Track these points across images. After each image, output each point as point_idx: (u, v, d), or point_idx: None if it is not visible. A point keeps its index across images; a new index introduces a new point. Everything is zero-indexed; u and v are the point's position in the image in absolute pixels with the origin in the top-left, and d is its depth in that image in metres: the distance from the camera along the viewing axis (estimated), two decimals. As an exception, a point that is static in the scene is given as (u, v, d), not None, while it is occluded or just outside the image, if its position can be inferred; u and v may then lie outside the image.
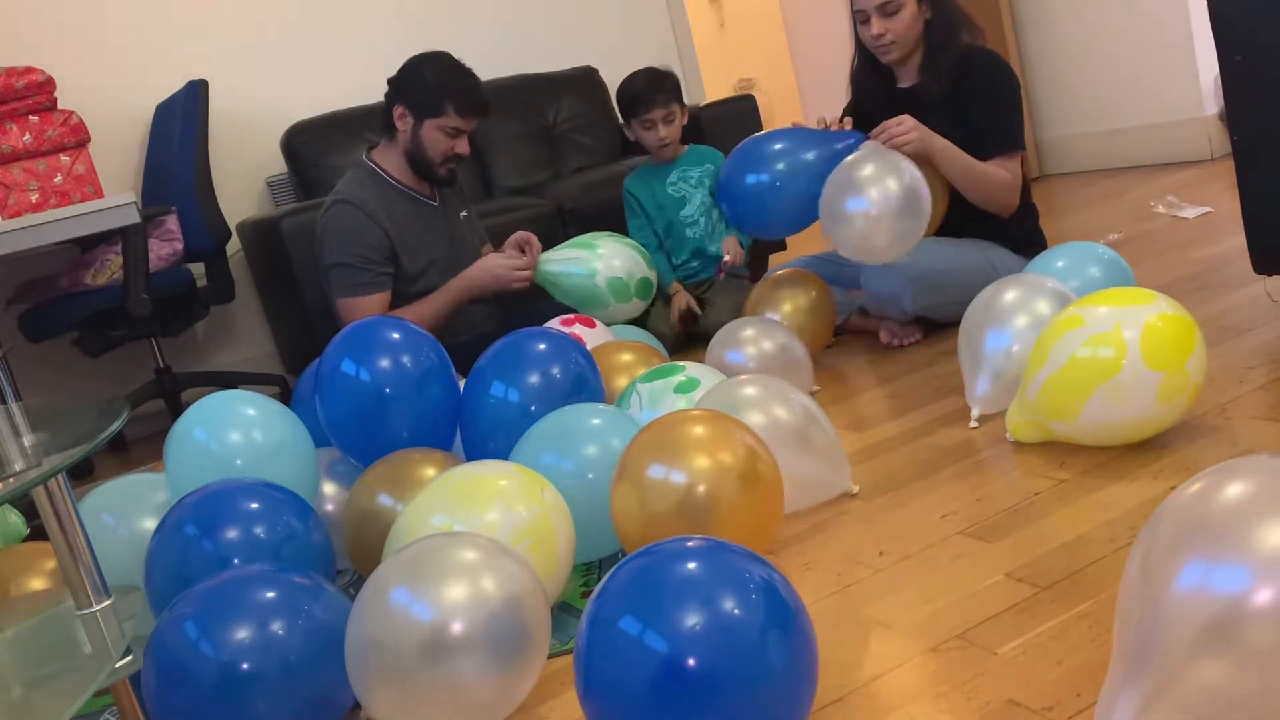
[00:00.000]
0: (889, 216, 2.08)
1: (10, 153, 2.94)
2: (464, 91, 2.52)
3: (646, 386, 1.81)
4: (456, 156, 2.58)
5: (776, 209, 2.33)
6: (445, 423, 1.82)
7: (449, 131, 2.53)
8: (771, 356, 2.07)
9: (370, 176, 2.59)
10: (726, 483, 1.37)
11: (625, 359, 2.06)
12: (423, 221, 2.62)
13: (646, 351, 2.13)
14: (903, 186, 2.10)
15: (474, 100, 2.53)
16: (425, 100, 2.52)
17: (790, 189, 2.29)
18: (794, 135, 2.34)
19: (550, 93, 3.82)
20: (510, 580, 1.13)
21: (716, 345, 2.13)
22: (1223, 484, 0.82)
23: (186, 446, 1.66)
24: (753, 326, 2.13)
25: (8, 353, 2.97)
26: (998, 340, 1.73)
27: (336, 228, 2.52)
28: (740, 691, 0.94)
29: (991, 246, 2.37)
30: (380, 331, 1.79)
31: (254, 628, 1.16)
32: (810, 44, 5.25)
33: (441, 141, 2.54)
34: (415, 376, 1.76)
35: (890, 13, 2.34)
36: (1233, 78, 1.70)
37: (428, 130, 2.53)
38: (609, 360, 2.03)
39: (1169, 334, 1.44)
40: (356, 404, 1.74)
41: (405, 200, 2.60)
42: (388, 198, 2.56)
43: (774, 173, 2.30)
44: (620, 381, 1.97)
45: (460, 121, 2.53)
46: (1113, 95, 4.01)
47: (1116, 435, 1.52)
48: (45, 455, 1.12)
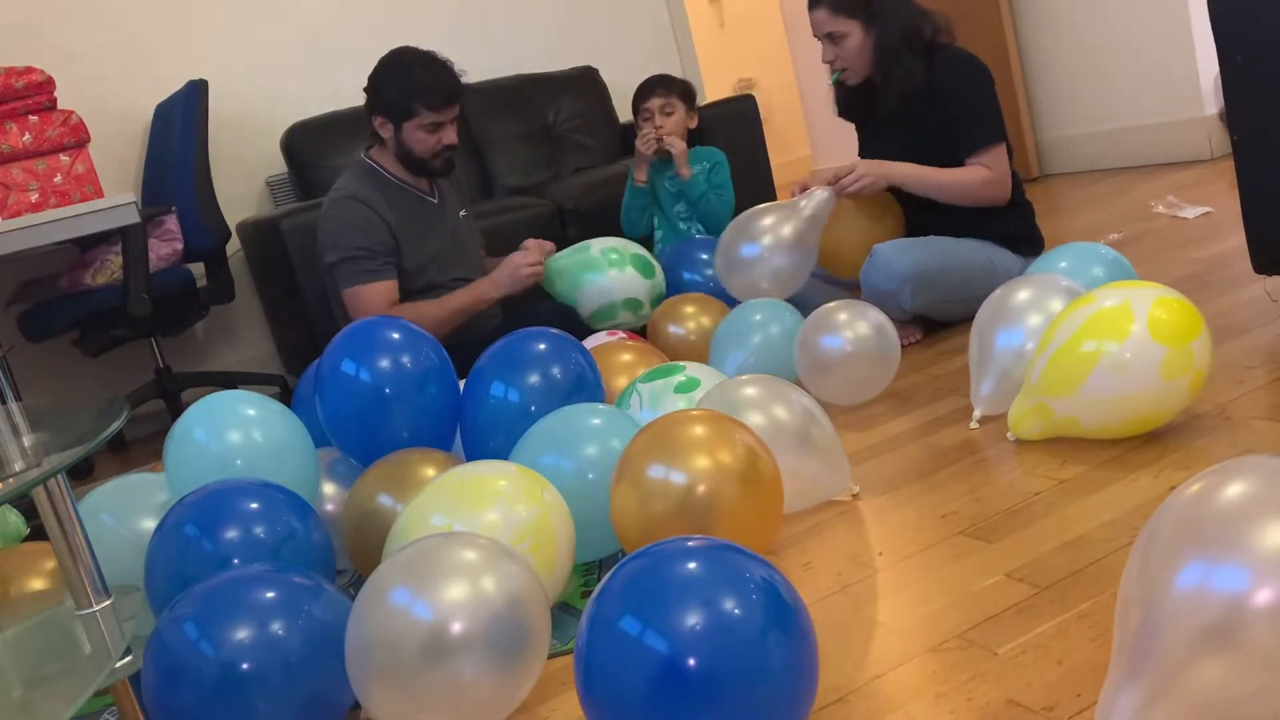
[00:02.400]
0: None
1: (10, 153, 2.94)
2: (429, 87, 2.50)
3: (647, 386, 1.81)
4: (446, 147, 2.58)
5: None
6: (445, 423, 1.82)
7: (428, 128, 2.53)
8: (867, 340, 1.96)
9: (370, 174, 2.60)
10: (726, 483, 1.37)
11: (625, 359, 2.06)
12: (422, 218, 2.62)
13: (647, 351, 2.13)
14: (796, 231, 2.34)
15: (442, 91, 2.52)
16: (396, 105, 2.52)
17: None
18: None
19: (550, 93, 3.82)
20: (510, 580, 1.13)
21: (810, 329, 2.02)
22: (1222, 484, 0.82)
23: (187, 446, 1.65)
24: (845, 310, 2.00)
25: (8, 353, 2.97)
26: (1009, 338, 1.72)
27: (338, 223, 2.52)
28: (740, 691, 0.94)
29: (990, 245, 2.38)
30: (380, 331, 1.79)
31: (254, 628, 1.16)
32: (810, 44, 5.19)
33: (425, 139, 2.54)
34: (415, 376, 1.76)
35: (837, 40, 2.42)
36: (1233, 78, 1.70)
37: (408, 132, 2.54)
38: (609, 360, 2.03)
39: (1177, 313, 1.47)
40: (357, 404, 1.74)
41: (405, 197, 2.60)
42: (388, 193, 2.57)
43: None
44: (620, 381, 1.97)
45: (435, 116, 2.52)
46: (1113, 95, 4.01)
47: (1117, 415, 1.52)
48: (45, 455, 1.12)
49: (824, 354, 1.96)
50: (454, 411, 1.83)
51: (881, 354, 1.97)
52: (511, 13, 4.04)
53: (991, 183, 2.34)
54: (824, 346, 1.96)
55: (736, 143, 3.48)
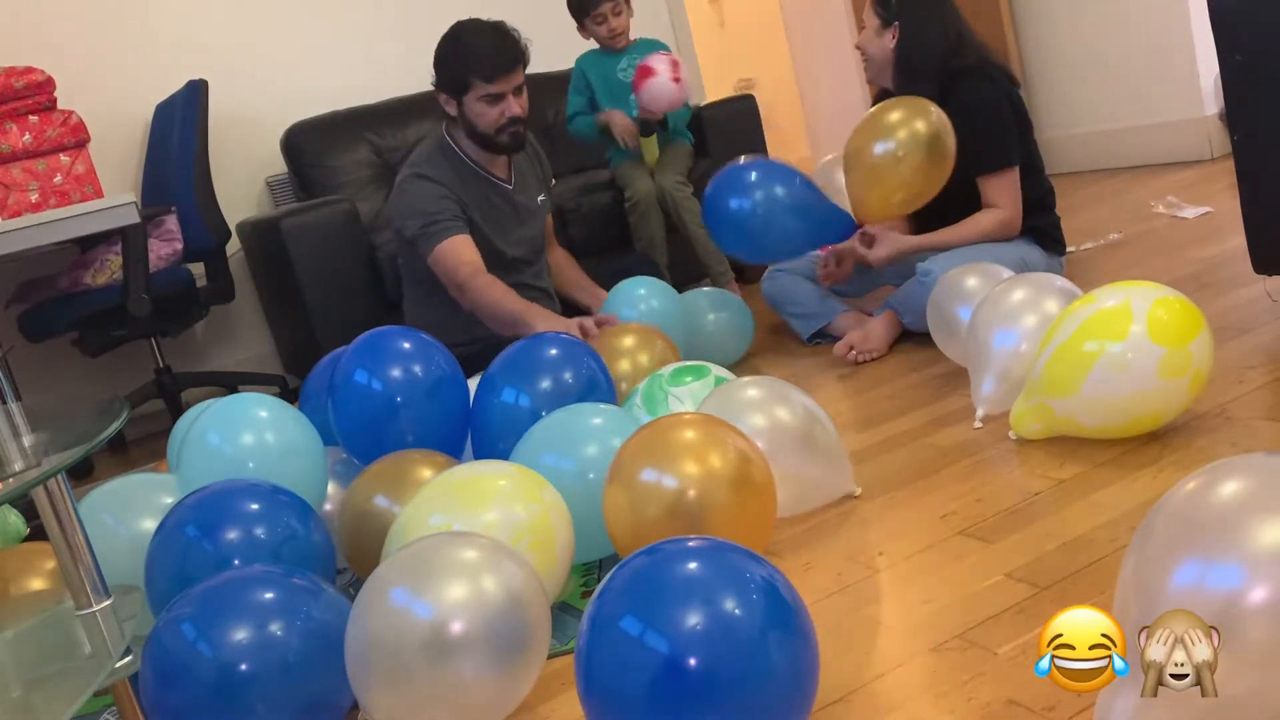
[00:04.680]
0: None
1: (10, 153, 2.94)
2: (483, 57, 2.44)
3: (685, 389, 1.78)
4: (513, 119, 2.49)
5: (763, 234, 2.38)
6: (456, 429, 1.82)
7: (487, 100, 2.46)
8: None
9: (445, 152, 2.55)
10: (717, 488, 1.36)
11: (627, 343, 2.06)
12: (495, 207, 2.57)
13: (649, 334, 2.12)
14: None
15: (497, 60, 2.44)
16: (454, 80, 2.47)
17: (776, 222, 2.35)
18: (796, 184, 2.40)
19: (550, 93, 3.82)
20: (510, 580, 1.13)
21: (937, 304, 2.02)
22: (1217, 482, 0.82)
23: (200, 449, 1.66)
24: (975, 275, 2.00)
25: (8, 353, 2.97)
26: (1005, 339, 1.72)
27: (411, 199, 2.47)
28: (740, 691, 0.94)
29: (1020, 244, 2.38)
30: (392, 341, 1.81)
31: (252, 628, 1.15)
32: (810, 44, 5.25)
33: (487, 112, 2.47)
34: (427, 385, 1.77)
35: (863, 26, 2.46)
36: (1233, 78, 1.70)
37: (469, 106, 2.48)
38: (608, 345, 2.03)
39: (1176, 313, 1.47)
40: (369, 413, 1.75)
41: (478, 181, 2.55)
42: (462, 175, 2.52)
43: (756, 201, 2.34)
44: (622, 366, 1.97)
45: (492, 87, 2.44)
46: (1113, 95, 4.01)
47: (1117, 414, 1.52)
48: (45, 455, 1.12)
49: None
50: (465, 418, 1.83)
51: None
52: (511, 13, 4.01)
53: (1005, 221, 2.36)
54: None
55: (736, 143, 3.47)
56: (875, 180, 2.28)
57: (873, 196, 2.30)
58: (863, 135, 2.30)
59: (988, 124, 2.34)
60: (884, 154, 2.24)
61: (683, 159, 3.22)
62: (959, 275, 2.00)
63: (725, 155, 3.40)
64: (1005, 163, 2.35)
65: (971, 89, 2.35)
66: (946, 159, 2.24)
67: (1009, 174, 2.36)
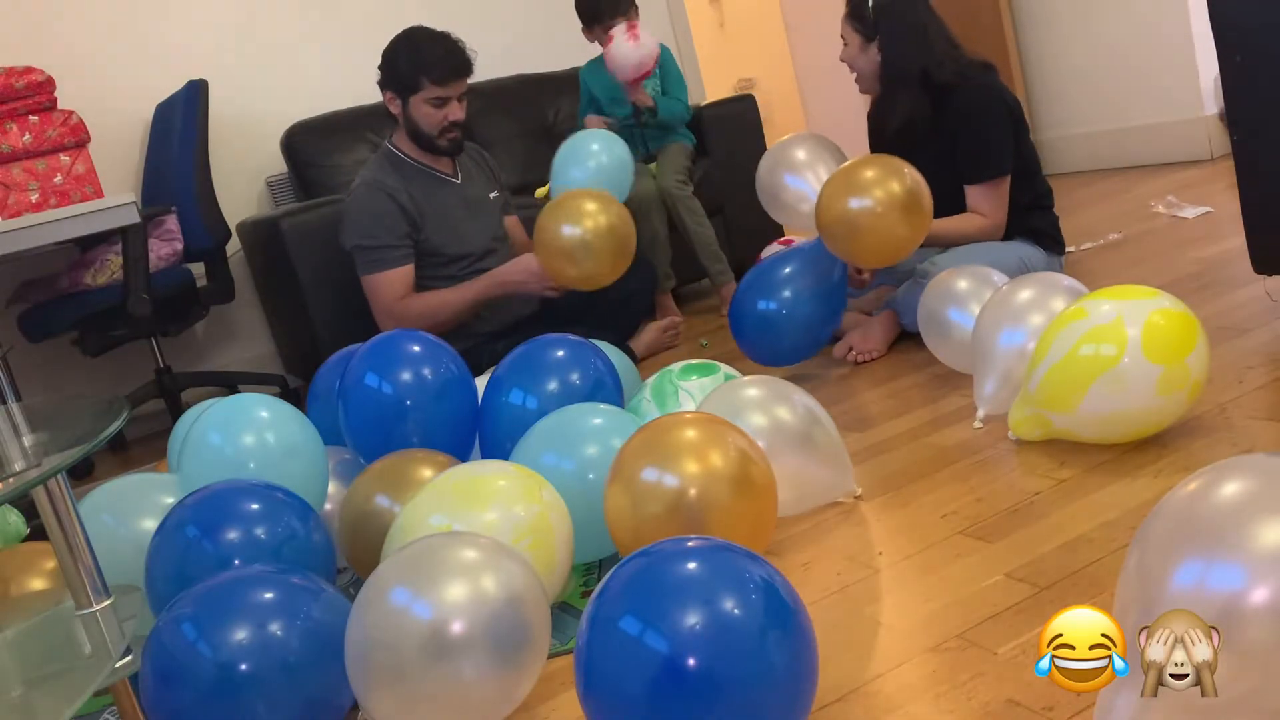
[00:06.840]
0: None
1: (10, 153, 2.94)
2: (436, 61, 2.57)
3: (695, 384, 1.79)
4: (453, 124, 2.63)
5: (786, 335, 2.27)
6: (465, 431, 1.82)
7: (434, 102, 2.59)
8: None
9: (390, 159, 2.68)
10: (718, 487, 1.36)
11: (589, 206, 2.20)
12: (443, 195, 2.69)
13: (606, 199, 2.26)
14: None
15: (449, 65, 2.58)
16: (403, 79, 2.60)
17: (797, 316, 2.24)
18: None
19: (550, 93, 3.82)
20: (510, 579, 1.13)
21: (928, 306, 2.01)
22: (1218, 483, 0.82)
23: (201, 450, 1.66)
24: (966, 278, 1.99)
25: (8, 353, 2.97)
26: (1011, 338, 1.72)
27: (355, 212, 2.62)
28: (740, 691, 0.94)
29: (1019, 244, 2.39)
30: (402, 345, 1.82)
31: (252, 628, 1.15)
32: (810, 44, 5.25)
33: (431, 114, 2.60)
34: (435, 387, 1.78)
35: (846, 43, 2.48)
36: (1233, 78, 1.70)
37: (415, 107, 2.61)
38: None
39: (1171, 328, 1.45)
40: (379, 416, 1.76)
41: (423, 178, 2.67)
42: (406, 176, 2.64)
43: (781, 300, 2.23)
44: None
45: (440, 90, 2.58)
46: (1113, 95, 4.01)
47: (1116, 428, 1.52)
48: (45, 455, 1.12)
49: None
50: (473, 420, 1.83)
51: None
52: (511, 13, 4.04)
53: (986, 229, 2.38)
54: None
55: (736, 143, 3.48)
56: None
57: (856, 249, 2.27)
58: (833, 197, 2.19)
59: (982, 134, 2.35)
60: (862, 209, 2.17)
61: (682, 159, 3.22)
62: (950, 278, 2.00)
63: (725, 155, 3.41)
64: (998, 172, 2.37)
65: (969, 97, 2.35)
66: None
67: (1000, 183, 2.37)
